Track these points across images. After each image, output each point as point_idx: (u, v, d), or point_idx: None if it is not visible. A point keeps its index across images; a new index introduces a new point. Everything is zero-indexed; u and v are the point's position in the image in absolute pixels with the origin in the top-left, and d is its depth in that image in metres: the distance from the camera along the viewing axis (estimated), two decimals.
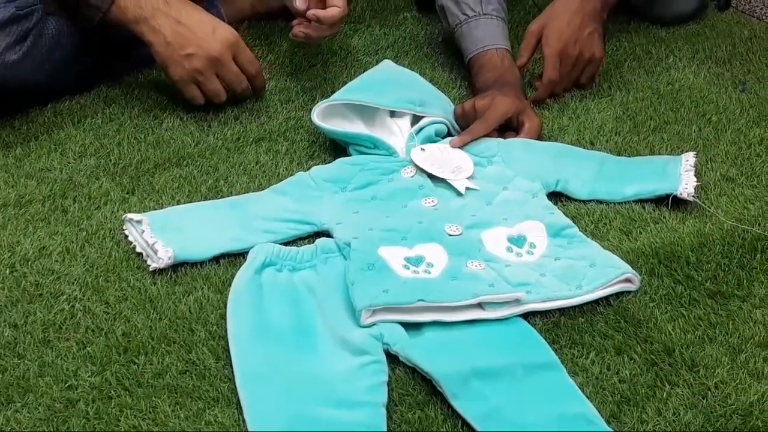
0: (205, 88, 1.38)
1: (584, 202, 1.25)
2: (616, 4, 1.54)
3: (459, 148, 1.31)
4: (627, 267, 1.10)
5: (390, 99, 1.34)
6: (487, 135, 1.34)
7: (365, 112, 1.35)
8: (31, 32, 1.34)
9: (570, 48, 1.45)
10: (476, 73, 1.45)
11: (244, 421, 0.93)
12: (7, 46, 1.31)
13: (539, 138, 1.36)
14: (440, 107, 1.37)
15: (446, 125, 1.36)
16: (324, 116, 1.33)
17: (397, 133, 1.34)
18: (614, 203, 1.24)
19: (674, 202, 1.22)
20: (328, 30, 1.43)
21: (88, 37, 1.41)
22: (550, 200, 1.24)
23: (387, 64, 1.45)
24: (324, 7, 1.40)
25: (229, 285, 1.08)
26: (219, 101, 1.40)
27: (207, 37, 1.36)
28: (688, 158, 1.29)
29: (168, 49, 1.35)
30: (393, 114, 1.35)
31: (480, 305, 1.05)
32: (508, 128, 1.37)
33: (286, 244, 1.15)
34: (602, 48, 1.49)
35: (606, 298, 1.08)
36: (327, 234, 1.18)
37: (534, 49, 1.48)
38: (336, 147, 1.35)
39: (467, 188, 1.24)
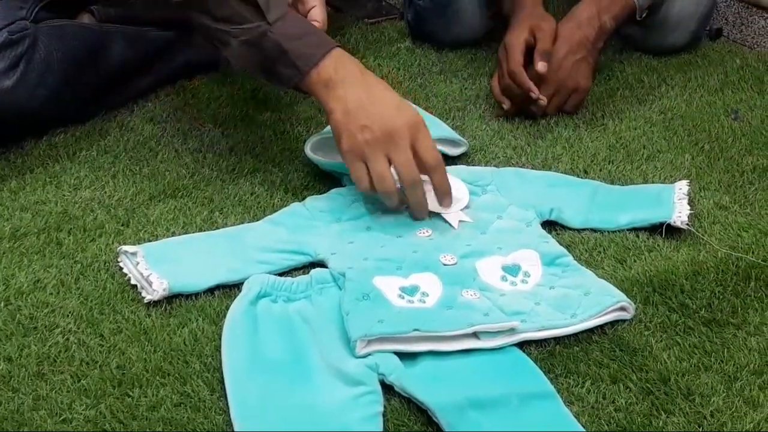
0: (371, 168, 1.19)
1: (578, 230, 1.25)
2: (613, 33, 1.55)
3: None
4: (622, 295, 1.10)
5: None
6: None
7: None
8: (23, 57, 1.34)
9: (551, 73, 1.46)
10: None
11: None
12: (2, 71, 1.32)
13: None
14: (435, 130, 1.38)
15: (442, 152, 1.36)
16: (317, 148, 1.33)
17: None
18: (608, 232, 1.25)
19: (668, 230, 1.23)
20: None
21: (81, 64, 1.41)
22: (545, 229, 1.24)
23: None
24: None
25: (224, 316, 1.08)
26: (383, 190, 1.20)
27: (388, 112, 1.19)
28: (682, 186, 1.30)
29: (345, 118, 1.20)
30: None
31: (475, 334, 1.05)
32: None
33: (281, 274, 1.15)
34: (588, 78, 1.49)
35: (601, 326, 1.08)
36: (322, 264, 1.18)
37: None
38: (330, 178, 1.35)
39: (461, 221, 1.25)
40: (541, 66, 1.46)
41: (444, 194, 1.23)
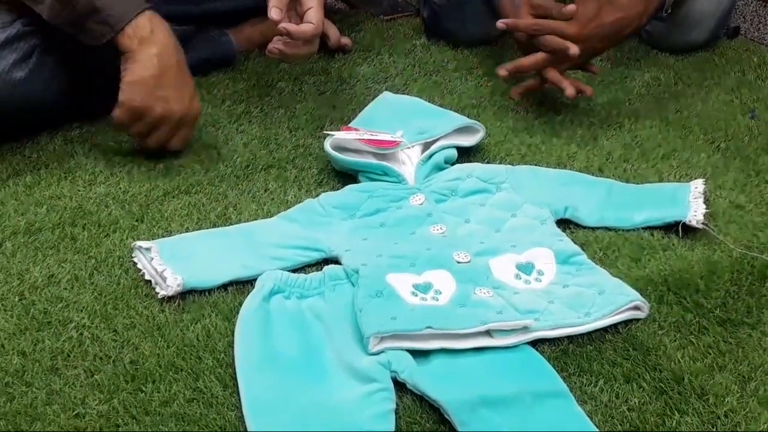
0: (136, 127, 1.35)
1: (593, 229, 1.25)
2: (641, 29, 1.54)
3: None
4: (636, 294, 1.10)
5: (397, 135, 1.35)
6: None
7: None
8: (37, 48, 1.35)
9: (593, 39, 1.43)
10: None
11: None
12: (13, 62, 1.32)
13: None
14: (446, 123, 1.38)
15: (455, 150, 1.36)
16: (336, 145, 1.33)
17: (407, 162, 1.34)
18: (623, 230, 1.24)
19: (683, 229, 1.22)
20: (303, 48, 1.38)
21: (96, 58, 1.42)
22: (559, 227, 1.24)
23: (385, 97, 1.46)
24: (300, 23, 1.36)
25: (237, 312, 1.08)
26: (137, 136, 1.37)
27: (185, 95, 1.34)
28: (697, 185, 1.29)
29: (150, 78, 1.31)
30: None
31: (488, 332, 1.05)
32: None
33: (294, 271, 1.15)
34: (607, 49, 1.50)
35: (615, 325, 1.08)
36: (335, 261, 1.18)
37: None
38: (345, 174, 1.35)
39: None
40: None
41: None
